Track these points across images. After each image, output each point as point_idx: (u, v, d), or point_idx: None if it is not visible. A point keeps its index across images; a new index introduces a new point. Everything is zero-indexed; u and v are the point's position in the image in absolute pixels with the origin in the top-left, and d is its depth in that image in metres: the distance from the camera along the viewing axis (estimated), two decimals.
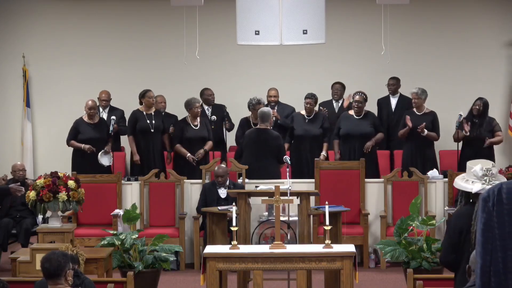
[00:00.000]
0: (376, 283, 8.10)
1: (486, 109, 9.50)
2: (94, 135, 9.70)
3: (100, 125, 9.83)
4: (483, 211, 3.39)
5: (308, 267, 6.26)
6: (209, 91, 10.67)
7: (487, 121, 9.52)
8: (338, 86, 10.79)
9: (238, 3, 9.28)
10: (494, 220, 3.36)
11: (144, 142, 9.75)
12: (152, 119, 9.75)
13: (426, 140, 9.52)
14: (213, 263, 6.21)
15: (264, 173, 9.00)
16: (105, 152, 9.62)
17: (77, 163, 9.69)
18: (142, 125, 9.70)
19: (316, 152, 9.70)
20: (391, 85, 10.86)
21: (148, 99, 9.75)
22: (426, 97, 9.65)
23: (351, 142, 9.53)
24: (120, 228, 8.58)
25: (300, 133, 9.78)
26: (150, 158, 9.72)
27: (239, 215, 7.21)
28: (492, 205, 3.37)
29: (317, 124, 9.81)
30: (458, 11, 11.61)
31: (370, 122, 9.63)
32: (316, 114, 9.91)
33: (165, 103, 10.72)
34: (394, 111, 10.75)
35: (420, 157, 9.53)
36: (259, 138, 9.15)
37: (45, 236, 7.11)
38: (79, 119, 9.84)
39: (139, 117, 9.74)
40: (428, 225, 7.63)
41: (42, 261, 4.44)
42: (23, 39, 11.71)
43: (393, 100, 10.86)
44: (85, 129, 9.74)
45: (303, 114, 9.90)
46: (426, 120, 9.52)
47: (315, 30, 9.21)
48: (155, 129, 9.73)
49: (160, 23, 11.64)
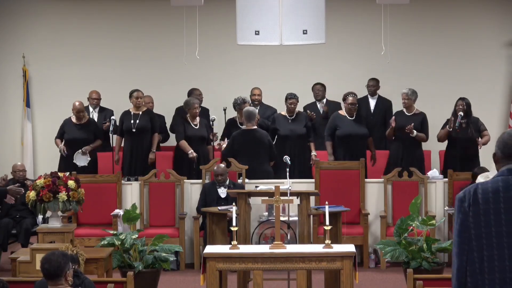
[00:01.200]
0: (376, 283, 8.10)
1: (470, 109, 9.45)
2: (79, 136, 9.72)
3: (88, 125, 9.84)
4: (459, 212, 3.42)
5: (308, 267, 6.26)
6: (197, 91, 10.66)
7: (473, 121, 9.48)
8: (318, 86, 10.76)
9: (238, 3, 9.28)
10: (470, 221, 3.38)
11: (127, 142, 9.77)
12: (137, 119, 9.72)
13: (414, 141, 9.48)
14: (213, 263, 6.22)
15: (261, 174, 9.00)
16: (82, 153, 9.64)
17: (63, 163, 9.77)
18: (126, 125, 9.72)
19: (302, 152, 9.69)
20: (371, 86, 10.86)
21: (134, 99, 9.75)
22: (416, 98, 9.62)
23: (350, 144, 9.49)
24: (120, 228, 8.58)
25: (286, 133, 9.73)
26: (132, 158, 9.71)
27: (239, 215, 7.21)
28: (468, 205, 3.39)
29: (301, 123, 9.79)
30: (458, 11, 11.61)
31: (364, 123, 9.61)
32: (298, 113, 9.89)
33: (153, 103, 10.69)
34: (373, 112, 10.76)
35: (408, 157, 9.50)
36: (248, 139, 9.14)
37: (45, 236, 7.10)
38: (67, 119, 9.91)
39: (126, 117, 9.76)
40: (428, 225, 7.63)
41: (42, 262, 4.44)
42: (23, 39, 11.71)
43: (372, 101, 10.86)
44: (70, 129, 9.78)
45: (284, 114, 9.88)
46: (415, 120, 9.48)
47: (315, 30, 9.21)
48: (137, 129, 9.68)
49: (160, 23, 11.64)
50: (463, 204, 3.41)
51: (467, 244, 3.38)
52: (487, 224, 3.36)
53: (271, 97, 10.81)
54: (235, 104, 9.91)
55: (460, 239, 3.40)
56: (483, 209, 3.36)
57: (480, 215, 3.36)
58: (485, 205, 3.36)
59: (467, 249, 3.37)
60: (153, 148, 9.75)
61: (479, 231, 3.36)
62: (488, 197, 3.36)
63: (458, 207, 3.42)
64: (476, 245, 3.36)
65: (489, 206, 3.36)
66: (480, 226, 3.36)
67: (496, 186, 3.38)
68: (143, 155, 9.72)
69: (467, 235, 3.38)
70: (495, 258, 3.33)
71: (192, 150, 9.40)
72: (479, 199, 3.37)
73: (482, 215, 3.36)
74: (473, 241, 3.36)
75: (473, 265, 3.36)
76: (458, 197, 3.44)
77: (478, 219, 3.37)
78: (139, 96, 9.78)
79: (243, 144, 9.16)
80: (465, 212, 3.39)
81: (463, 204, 3.41)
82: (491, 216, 3.35)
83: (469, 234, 3.38)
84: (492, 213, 3.35)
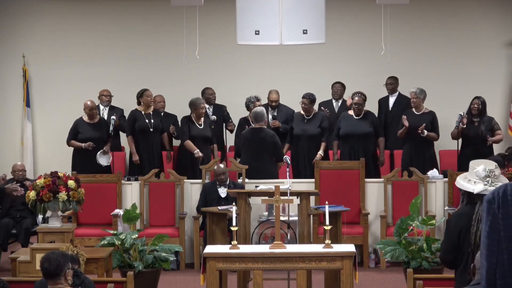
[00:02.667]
0: (376, 283, 8.09)
1: (484, 108, 9.51)
2: (94, 135, 9.70)
3: (100, 124, 9.83)
4: (488, 213, 3.36)
5: (308, 267, 6.26)
6: (210, 90, 10.68)
7: (487, 120, 9.52)
8: (338, 85, 10.81)
9: (238, 3, 9.28)
10: (500, 223, 3.33)
11: (143, 141, 9.75)
12: (150, 118, 9.75)
13: (426, 140, 9.52)
14: (213, 263, 6.22)
15: (263, 173, 8.99)
16: (104, 152, 9.63)
17: (77, 163, 9.70)
18: (141, 124, 9.70)
19: (313, 152, 9.68)
20: (389, 84, 10.88)
21: (146, 98, 9.75)
22: (425, 97, 9.65)
23: (351, 142, 9.52)
24: (120, 228, 8.59)
25: (298, 133, 9.77)
26: (149, 157, 9.73)
27: (239, 215, 7.21)
28: (497, 207, 3.34)
29: (316, 123, 9.80)
30: (458, 11, 11.61)
31: (369, 122, 9.62)
32: (315, 113, 9.90)
33: (164, 102, 10.72)
34: (391, 109, 10.76)
35: (420, 157, 9.53)
36: (254, 137, 9.14)
37: (45, 236, 7.11)
38: (79, 119, 9.84)
39: (138, 117, 9.74)
40: (428, 225, 7.63)
41: (42, 261, 4.44)
42: (23, 39, 11.71)
43: (391, 99, 10.87)
44: (84, 129, 9.74)
45: (302, 113, 9.90)
46: (425, 119, 9.52)
47: (315, 30, 9.21)
48: (154, 128, 9.72)
49: (160, 23, 11.64)
50: (492, 205, 3.35)
51: (497, 246, 3.33)
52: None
53: None
54: (248, 103, 9.95)
55: (490, 241, 3.34)
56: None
57: (510, 217, 3.31)
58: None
59: (496, 251, 3.33)
60: (167, 147, 9.97)
61: (509, 233, 3.32)
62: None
63: (487, 208, 3.36)
64: (506, 247, 3.32)
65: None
66: (510, 228, 3.32)
67: None
68: (160, 154, 9.86)
69: (496, 237, 3.33)
70: None
71: (198, 150, 9.41)
72: (508, 201, 3.32)
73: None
74: (503, 243, 3.32)
75: (503, 267, 3.34)
76: (487, 199, 3.38)
77: (508, 221, 3.32)
78: (150, 95, 9.81)
79: (248, 142, 9.17)
80: (494, 213, 3.34)
81: (492, 206, 3.35)
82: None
83: (499, 236, 3.33)
84: None
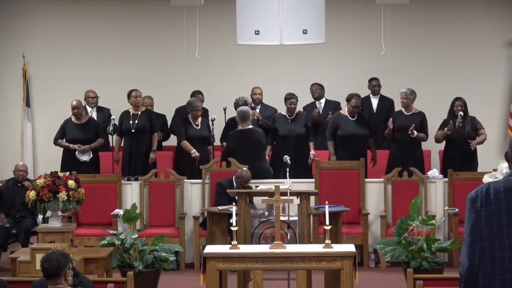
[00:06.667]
0: (376, 283, 8.09)
1: (466, 108, 9.46)
2: (80, 136, 9.69)
3: (88, 125, 9.81)
4: (471, 212, 3.38)
5: (308, 267, 6.26)
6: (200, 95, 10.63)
7: (470, 120, 9.48)
8: (315, 86, 10.77)
9: (238, 3, 9.29)
10: (483, 221, 3.35)
11: (126, 142, 9.76)
12: (136, 119, 9.72)
13: (413, 141, 9.48)
14: (213, 263, 6.21)
15: (259, 172, 8.99)
16: (83, 151, 9.62)
17: (66, 163, 9.73)
18: (125, 125, 9.71)
19: (300, 152, 9.67)
20: (376, 86, 10.86)
21: (133, 99, 9.75)
22: (415, 97, 9.62)
23: (351, 144, 9.49)
24: (120, 228, 8.58)
25: (285, 133, 9.73)
26: (131, 158, 9.70)
27: (239, 215, 7.21)
28: (480, 205, 3.36)
29: (300, 123, 9.79)
30: (458, 11, 11.62)
31: (365, 124, 9.62)
32: (298, 114, 9.88)
33: (152, 104, 10.68)
34: (375, 111, 10.75)
35: (407, 157, 9.49)
36: (244, 138, 9.15)
37: (45, 236, 7.11)
38: (68, 119, 9.86)
39: (125, 117, 9.75)
40: (428, 225, 7.63)
41: (42, 261, 4.44)
42: (23, 39, 11.71)
43: (374, 100, 10.86)
44: (71, 129, 9.74)
45: (284, 114, 9.88)
46: (414, 120, 9.49)
47: (315, 30, 9.22)
48: (136, 129, 9.67)
49: (160, 23, 11.65)
50: (475, 204, 3.36)
51: (479, 244, 3.34)
52: (499, 224, 3.32)
53: (271, 97, 10.83)
54: (236, 105, 9.91)
55: (472, 239, 3.35)
56: (495, 209, 3.33)
57: (492, 216, 3.33)
58: (497, 205, 3.33)
59: (479, 249, 3.34)
60: (154, 147, 9.74)
61: (492, 231, 3.33)
62: (500, 197, 3.33)
63: (470, 207, 3.37)
64: (488, 245, 3.33)
65: (501, 207, 3.32)
66: (493, 226, 3.32)
67: (508, 186, 3.35)
68: (143, 155, 9.71)
69: (478, 235, 3.34)
70: (507, 259, 3.31)
71: (195, 150, 9.40)
72: (491, 199, 3.34)
73: (494, 215, 3.32)
74: (486, 242, 3.33)
75: (485, 265, 3.34)
76: (470, 197, 3.39)
77: (490, 219, 3.33)
78: (138, 95, 9.77)
79: (239, 144, 9.17)
80: (477, 212, 3.35)
81: (475, 204, 3.36)
82: (503, 217, 3.32)
83: (481, 235, 3.34)
84: (505, 214, 3.32)
